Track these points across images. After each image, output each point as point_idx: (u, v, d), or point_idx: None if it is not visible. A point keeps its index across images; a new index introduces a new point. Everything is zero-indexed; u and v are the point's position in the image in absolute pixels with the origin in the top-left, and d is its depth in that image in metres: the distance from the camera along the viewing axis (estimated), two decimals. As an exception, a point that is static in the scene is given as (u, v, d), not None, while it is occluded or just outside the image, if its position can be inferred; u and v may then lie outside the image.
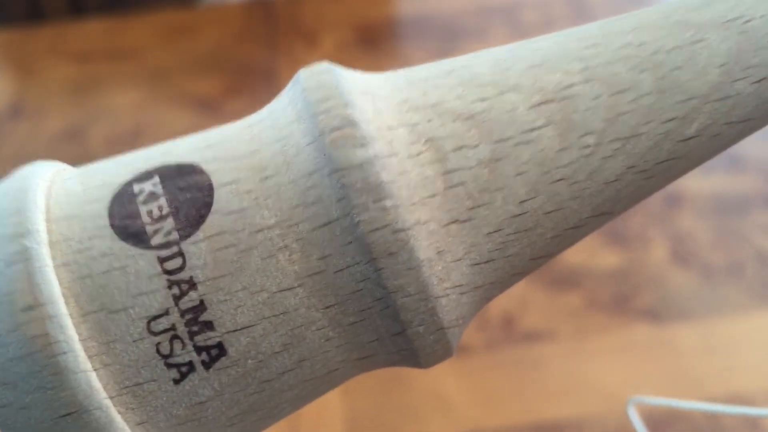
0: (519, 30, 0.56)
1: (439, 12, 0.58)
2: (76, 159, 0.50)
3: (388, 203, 0.14)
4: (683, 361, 0.38)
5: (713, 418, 0.36)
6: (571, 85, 0.15)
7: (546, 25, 0.56)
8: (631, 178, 0.15)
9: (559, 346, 0.39)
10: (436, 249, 0.14)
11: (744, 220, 0.43)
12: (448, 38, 0.56)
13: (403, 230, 0.14)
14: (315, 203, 0.14)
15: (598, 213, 0.15)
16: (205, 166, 0.15)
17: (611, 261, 0.42)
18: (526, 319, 0.40)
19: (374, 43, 0.57)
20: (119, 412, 0.14)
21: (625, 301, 0.40)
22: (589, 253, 0.43)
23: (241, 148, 0.15)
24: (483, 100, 0.15)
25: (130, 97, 0.54)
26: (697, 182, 0.46)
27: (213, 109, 0.53)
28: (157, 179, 0.15)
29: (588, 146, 0.15)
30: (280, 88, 0.54)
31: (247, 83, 0.55)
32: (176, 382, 0.14)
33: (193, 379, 0.14)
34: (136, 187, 0.14)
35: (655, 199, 0.45)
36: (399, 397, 0.37)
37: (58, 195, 0.15)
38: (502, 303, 0.41)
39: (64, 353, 0.13)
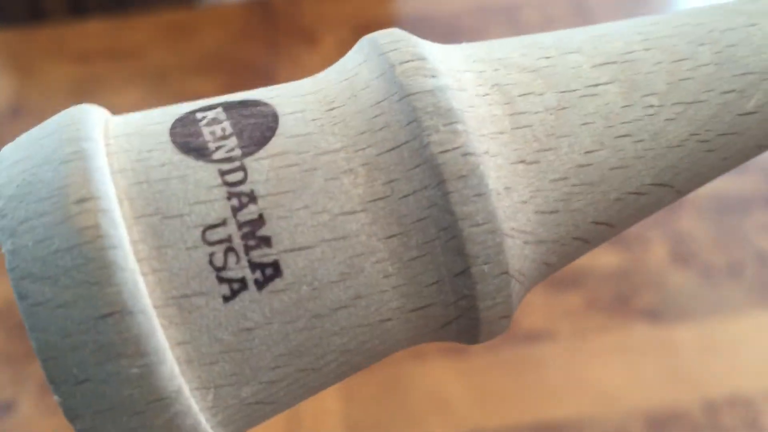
0: (519, 30, 0.56)
1: (439, 12, 0.59)
2: (76, 159, 0.50)
3: (459, 127, 0.14)
4: (683, 361, 0.38)
5: (713, 417, 0.36)
6: (632, 51, 0.15)
7: (546, 25, 0.56)
8: (692, 146, 0.15)
9: (559, 346, 0.39)
10: (503, 184, 0.14)
11: (744, 220, 0.43)
12: (448, 38, 0.56)
13: (473, 155, 0.14)
14: (383, 129, 0.14)
15: (659, 182, 0.15)
16: (269, 101, 0.15)
17: (611, 261, 0.42)
18: (526, 319, 0.40)
19: (374, 43, 0.57)
20: (162, 326, 0.13)
21: (625, 301, 0.40)
22: (589, 253, 0.43)
23: (306, 87, 0.15)
24: (547, 58, 0.15)
25: (130, 97, 0.54)
26: (697, 182, 0.46)
27: (213, 109, 0.53)
28: (220, 109, 0.14)
29: (651, 106, 0.15)
30: (280, 88, 0.54)
31: (247, 83, 0.55)
32: (226, 299, 0.13)
33: (243, 298, 0.13)
34: (199, 115, 0.14)
35: (655, 199, 0.45)
36: (399, 398, 0.37)
37: (116, 121, 0.14)
38: (502, 303, 0.41)
39: (114, 248, 0.12)
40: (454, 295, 0.14)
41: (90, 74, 0.56)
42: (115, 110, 0.54)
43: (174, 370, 0.13)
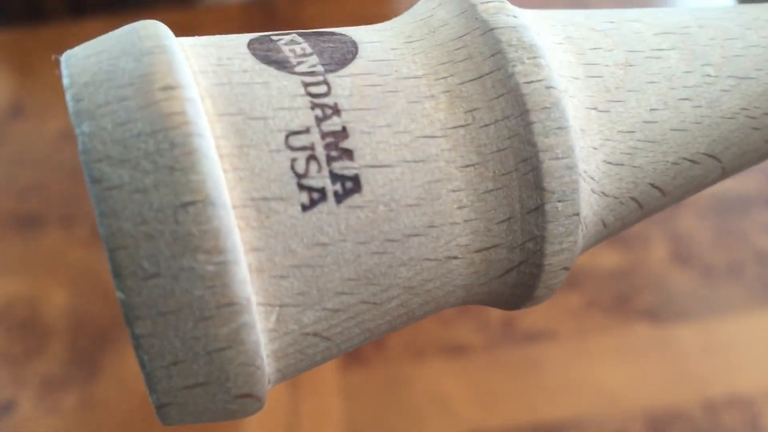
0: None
1: (439, 12, 0.59)
2: (77, 159, 0.50)
3: (543, 61, 0.14)
4: (683, 361, 0.38)
5: (713, 417, 0.36)
6: (688, 26, 0.16)
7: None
8: (742, 121, 0.16)
9: (559, 346, 0.39)
10: (579, 125, 0.14)
11: (744, 220, 0.43)
12: (448, 38, 0.56)
13: (555, 88, 0.14)
14: (465, 60, 0.14)
15: (710, 152, 0.16)
16: (344, 32, 0.14)
17: (611, 261, 0.42)
18: (526, 319, 0.40)
19: (374, 43, 0.57)
20: (239, 227, 0.12)
21: (625, 301, 0.40)
22: (589, 253, 0.43)
23: (378, 27, 0.15)
24: (611, 22, 0.16)
25: (130, 97, 0.54)
26: (697, 182, 0.46)
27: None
28: (295, 35, 0.14)
29: (709, 75, 0.16)
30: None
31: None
32: (304, 208, 0.13)
33: (321, 210, 0.13)
34: (275, 37, 0.14)
35: (655, 199, 0.45)
36: (399, 398, 0.37)
37: (184, 39, 0.14)
38: (502, 303, 0.41)
39: (201, 136, 0.12)
40: (522, 235, 0.14)
41: (90, 74, 0.56)
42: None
43: (247, 275, 0.12)
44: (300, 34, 0.14)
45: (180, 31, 0.59)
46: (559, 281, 0.15)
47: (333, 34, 0.14)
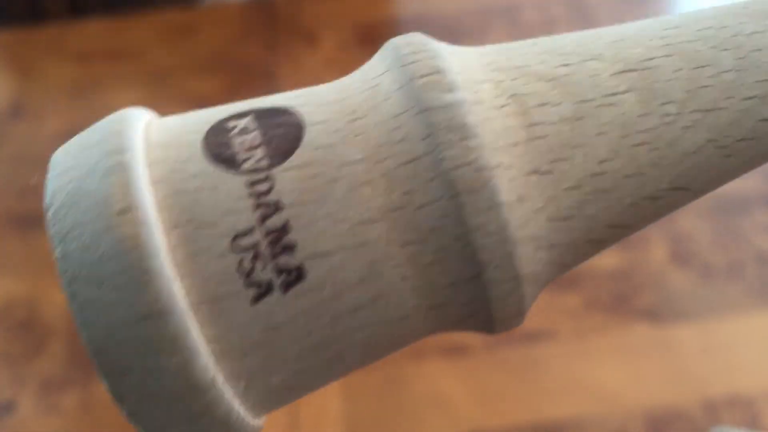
0: (519, 30, 0.56)
1: (439, 12, 0.58)
2: (76, 159, 0.50)
3: (472, 143, 0.14)
4: (683, 361, 0.38)
5: (713, 417, 0.36)
6: (652, 58, 0.16)
7: (546, 25, 0.56)
8: (710, 152, 0.15)
9: (559, 346, 0.39)
10: (516, 195, 0.15)
11: (744, 220, 0.43)
12: (448, 38, 0.56)
13: (485, 169, 0.14)
14: (401, 141, 0.15)
15: (675, 186, 0.16)
16: (296, 109, 0.15)
17: (611, 261, 0.42)
18: (526, 319, 0.40)
19: (374, 43, 0.57)
20: (198, 323, 0.14)
21: (625, 301, 0.40)
22: (589, 253, 0.43)
23: (331, 96, 0.16)
24: (566, 65, 0.16)
25: (130, 97, 0.54)
26: (697, 182, 0.46)
27: (213, 109, 0.53)
28: (251, 117, 0.15)
29: (669, 114, 0.15)
30: (280, 88, 0.54)
31: (247, 83, 0.55)
32: (253, 301, 0.14)
33: (269, 300, 0.14)
34: (231, 123, 0.15)
35: (655, 199, 0.45)
36: (399, 398, 0.37)
37: (157, 127, 0.16)
38: (502, 303, 0.41)
39: (152, 257, 0.14)
40: (468, 295, 0.15)
41: (90, 74, 0.56)
42: (115, 110, 0.54)
43: (208, 363, 0.14)
44: (256, 116, 0.15)
45: (180, 31, 0.59)
46: (518, 322, 0.16)
47: (285, 113, 0.15)
